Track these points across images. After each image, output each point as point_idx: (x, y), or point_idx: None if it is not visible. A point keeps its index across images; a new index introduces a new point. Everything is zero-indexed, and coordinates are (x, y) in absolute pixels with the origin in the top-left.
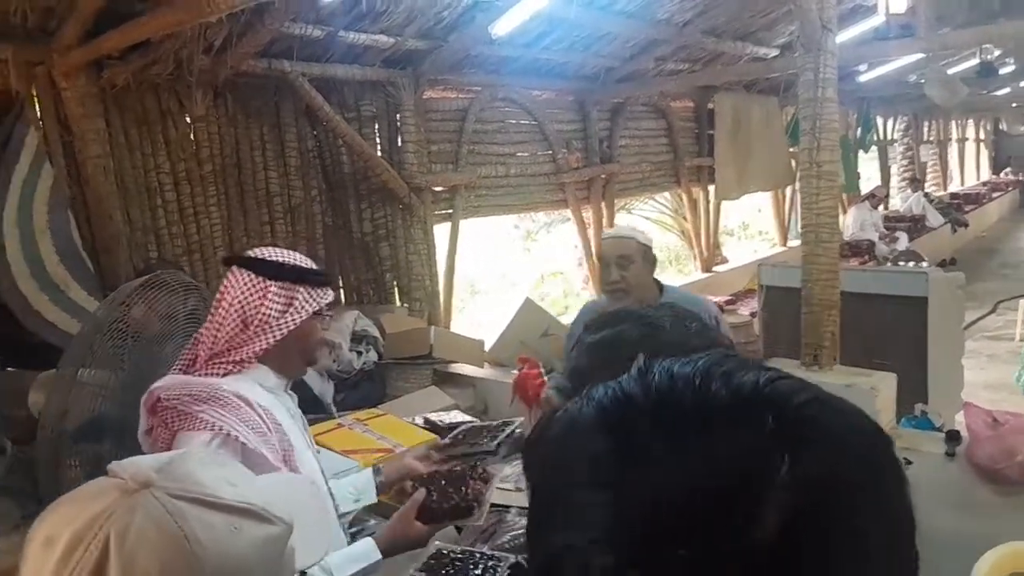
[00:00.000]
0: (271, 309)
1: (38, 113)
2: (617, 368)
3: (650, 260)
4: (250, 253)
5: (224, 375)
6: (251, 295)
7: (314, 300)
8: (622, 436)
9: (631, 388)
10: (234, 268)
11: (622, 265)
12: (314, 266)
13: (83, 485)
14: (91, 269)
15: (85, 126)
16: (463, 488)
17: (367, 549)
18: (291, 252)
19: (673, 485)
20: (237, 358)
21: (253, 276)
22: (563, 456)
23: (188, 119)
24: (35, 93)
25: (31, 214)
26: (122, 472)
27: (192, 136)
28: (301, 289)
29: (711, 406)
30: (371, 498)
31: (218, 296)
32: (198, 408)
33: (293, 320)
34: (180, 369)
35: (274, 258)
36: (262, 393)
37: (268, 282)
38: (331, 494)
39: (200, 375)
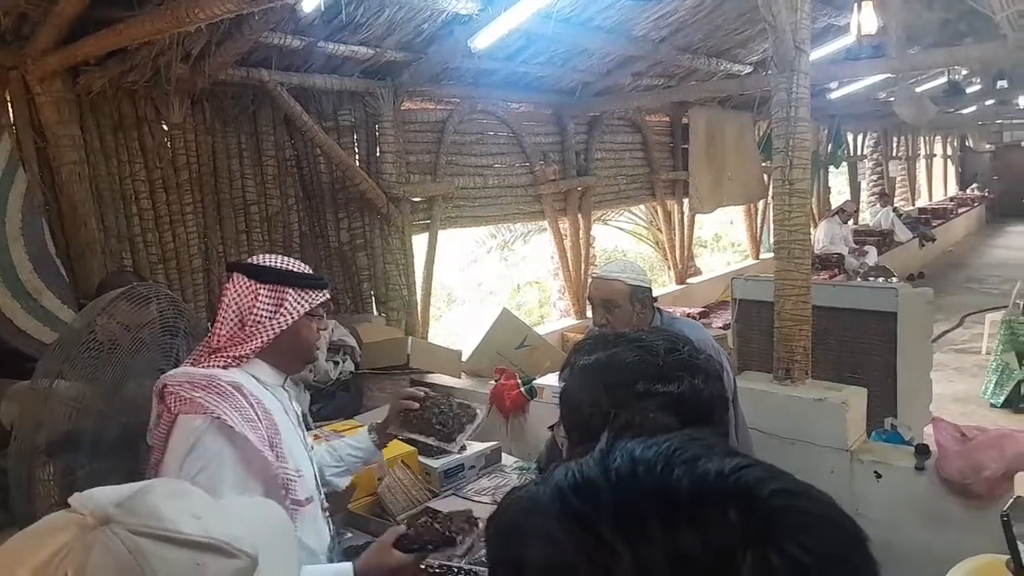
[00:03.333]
0: (263, 309)
1: (11, 118)
2: (615, 393)
3: (639, 300)
4: (248, 259)
5: (224, 367)
6: (244, 297)
7: (304, 301)
8: (580, 526)
9: (592, 472)
10: (233, 273)
11: (607, 308)
12: (306, 271)
13: (41, 520)
14: (65, 277)
15: (60, 132)
16: (448, 521)
17: (345, 571)
18: (287, 259)
19: None
20: (236, 354)
21: (246, 279)
22: (520, 539)
23: (165, 126)
24: (8, 98)
25: (3, 221)
26: (81, 507)
27: (168, 144)
28: (290, 291)
29: (673, 497)
30: (378, 456)
31: (222, 298)
32: (196, 394)
33: (285, 320)
34: (190, 362)
35: (264, 263)
36: (256, 386)
37: (258, 285)
38: (319, 481)
39: (204, 367)
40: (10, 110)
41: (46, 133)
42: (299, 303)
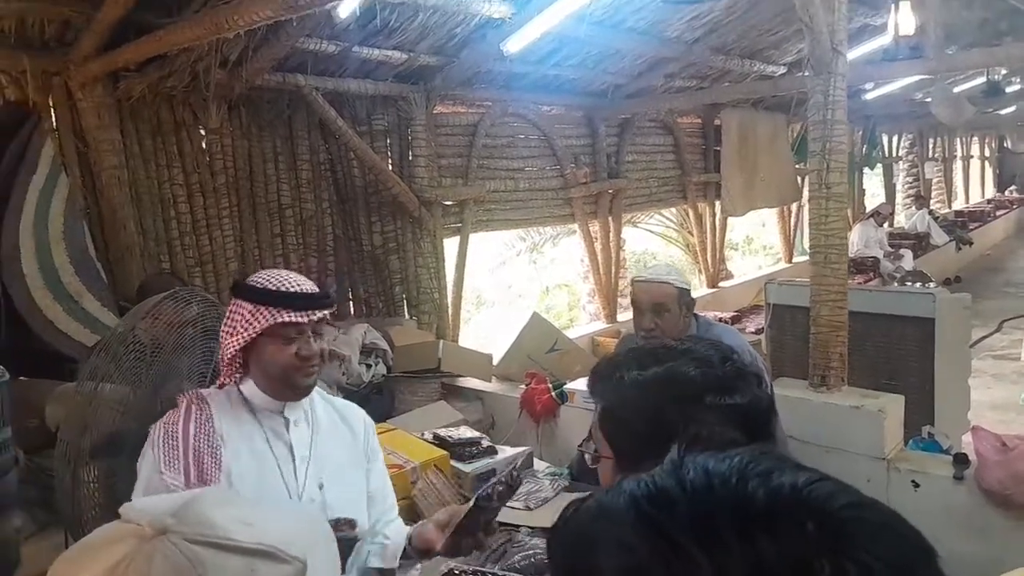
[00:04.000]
0: (226, 326)
1: (54, 124)
2: (683, 408)
3: (686, 303)
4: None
5: (219, 386)
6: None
7: (260, 319)
8: (655, 532)
9: (666, 483)
10: None
11: (657, 312)
12: (299, 289)
13: (96, 531)
14: (104, 280)
15: (100, 137)
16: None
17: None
18: (282, 275)
19: None
20: (223, 370)
21: (232, 296)
22: (592, 547)
23: (202, 131)
24: (52, 104)
25: (47, 224)
26: (137, 517)
27: (206, 148)
28: (250, 308)
29: (749, 509)
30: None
31: None
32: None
33: (237, 339)
34: None
35: (248, 279)
36: (226, 406)
37: (232, 300)
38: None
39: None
40: (53, 115)
41: (87, 138)
42: (254, 321)
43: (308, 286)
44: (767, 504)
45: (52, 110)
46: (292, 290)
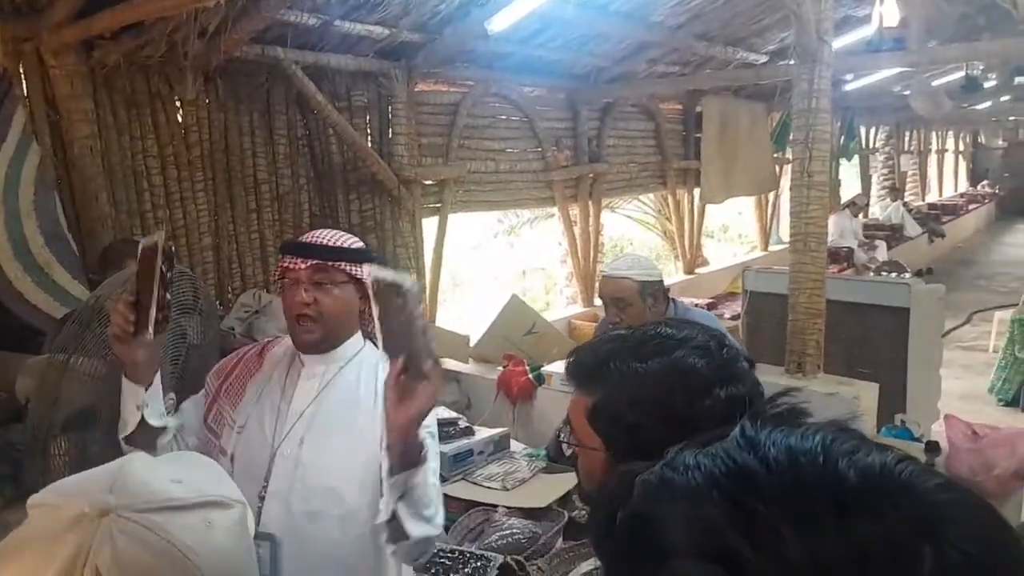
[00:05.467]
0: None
1: (25, 91)
2: (690, 400)
3: (651, 294)
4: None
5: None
6: None
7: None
8: (740, 511)
9: (745, 460)
10: None
11: (618, 306)
12: (304, 239)
13: (24, 525)
14: (76, 251)
15: (73, 106)
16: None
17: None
18: (319, 231)
19: (807, 568)
20: None
21: None
22: (663, 528)
23: (178, 103)
24: (23, 71)
25: (17, 194)
26: (66, 502)
27: (181, 120)
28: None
29: (842, 488)
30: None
31: None
32: None
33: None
34: None
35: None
36: (274, 351)
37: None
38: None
39: None
40: (24, 83)
41: (59, 107)
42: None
43: (323, 238)
44: (860, 483)
45: (23, 77)
46: (297, 239)
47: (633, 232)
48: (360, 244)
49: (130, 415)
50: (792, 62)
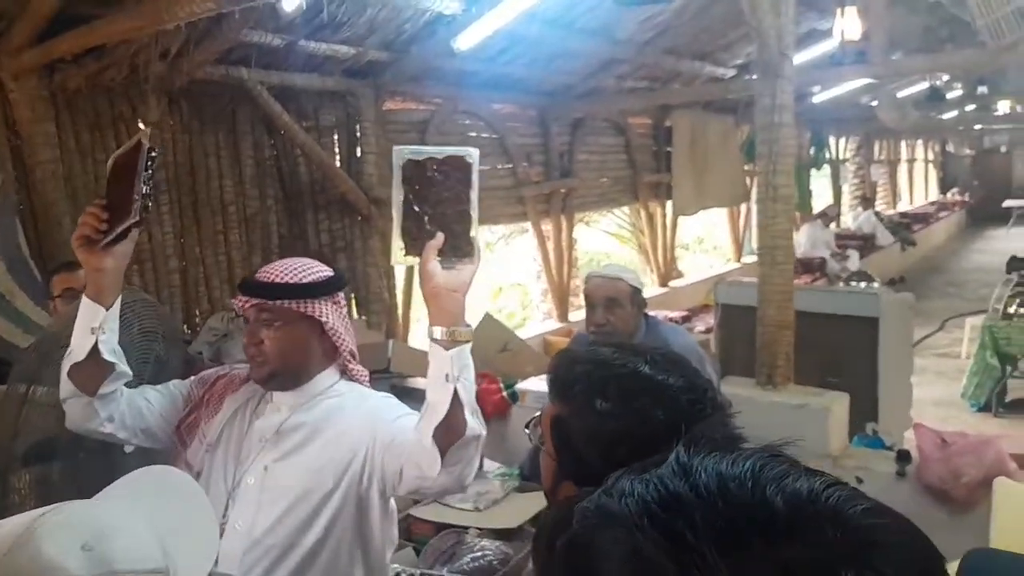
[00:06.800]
0: None
1: None
2: (635, 452)
3: (638, 303)
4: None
5: None
6: None
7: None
8: (671, 540)
9: (677, 487)
10: None
11: (610, 308)
12: (252, 278)
13: None
14: (38, 278)
15: (34, 130)
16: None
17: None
18: (278, 263)
19: None
20: None
21: None
22: (600, 555)
23: (141, 125)
24: None
25: None
26: None
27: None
28: None
29: (769, 514)
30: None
31: None
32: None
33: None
34: None
35: None
36: (250, 385)
37: None
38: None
39: None
40: None
41: (20, 131)
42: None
43: (273, 274)
44: (787, 510)
45: None
46: (252, 275)
47: (609, 247)
48: (317, 276)
49: (83, 339)
50: (754, 77)
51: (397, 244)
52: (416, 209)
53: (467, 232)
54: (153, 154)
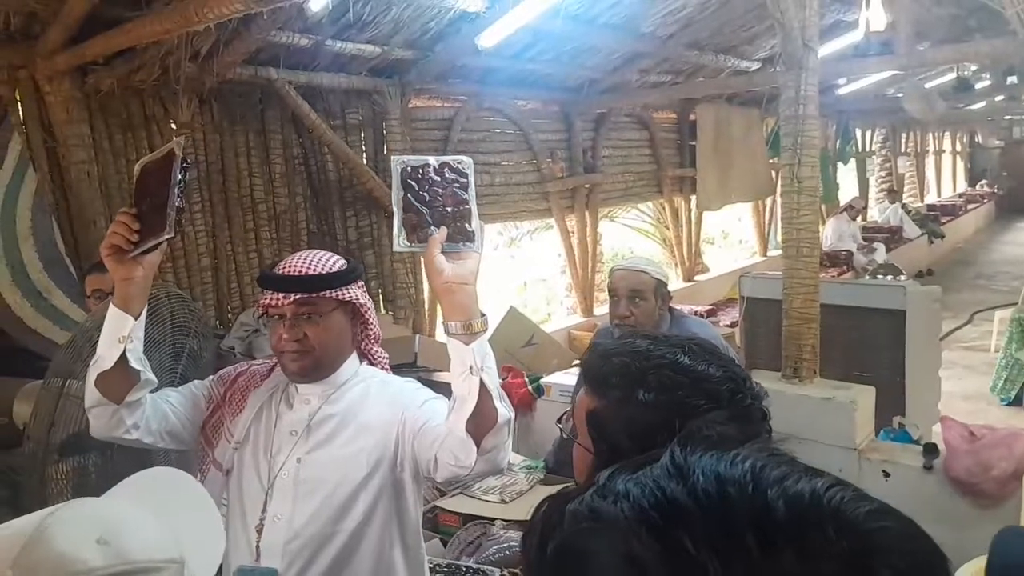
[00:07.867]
0: None
1: (21, 118)
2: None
3: (662, 296)
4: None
5: None
6: None
7: (263, 303)
8: (668, 547)
9: (674, 491)
10: None
11: (633, 300)
12: (281, 271)
13: None
14: (74, 276)
15: (69, 131)
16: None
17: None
18: (296, 255)
19: None
20: None
21: None
22: (593, 561)
23: (173, 125)
24: (18, 98)
25: (14, 219)
26: None
27: None
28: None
29: (769, 518)
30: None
31: None
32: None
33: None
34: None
35: None
36: (268, 380)
37: None
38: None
39: None
40: (20, 109)
41: (55, 132)
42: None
43: (303, 267)
44: (788, 514)
45: (19, 104)
46: (274, 272)
47: (633, 242)
48: (342, 263)
49: (110, 348)
50: (779, 70)
51: (399, 233)
52: (416, 204)
53: (468, 220)
54: (185, 164)
